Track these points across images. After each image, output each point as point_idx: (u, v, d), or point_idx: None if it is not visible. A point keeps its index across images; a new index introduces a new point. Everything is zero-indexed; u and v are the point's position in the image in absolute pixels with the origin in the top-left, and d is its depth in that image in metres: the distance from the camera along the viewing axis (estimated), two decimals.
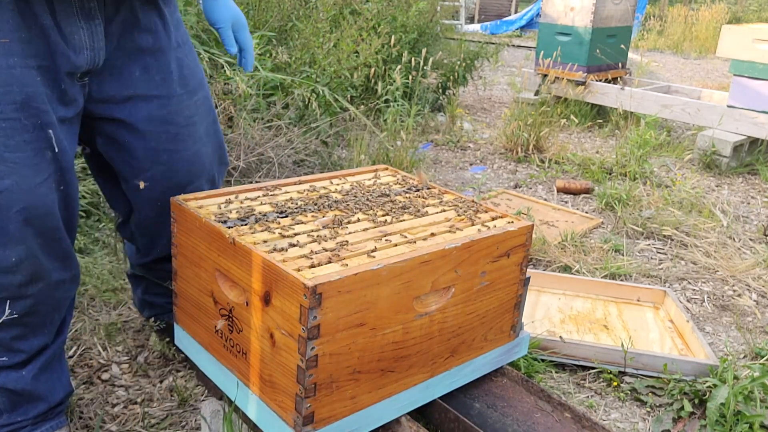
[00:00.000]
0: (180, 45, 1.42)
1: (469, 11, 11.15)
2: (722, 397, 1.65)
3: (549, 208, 3.17)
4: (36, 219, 1.21)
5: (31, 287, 1.27)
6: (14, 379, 1.34)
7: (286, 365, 1.13)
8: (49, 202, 1.22)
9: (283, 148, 3.03)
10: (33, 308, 1.30)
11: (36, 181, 1.19)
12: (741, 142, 3.92)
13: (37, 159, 1.19)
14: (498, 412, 1.41)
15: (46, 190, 1.21)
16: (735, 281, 2.54)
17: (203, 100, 1.48)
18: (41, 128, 1.19)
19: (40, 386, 1.38)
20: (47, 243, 1.25)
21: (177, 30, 1.42)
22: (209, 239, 1.27)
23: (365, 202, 1.45)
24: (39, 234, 1.23)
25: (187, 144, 1.45)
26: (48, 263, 1.28)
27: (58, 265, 1.31)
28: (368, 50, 3.78)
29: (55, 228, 1.26)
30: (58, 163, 1.23)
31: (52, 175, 1.22)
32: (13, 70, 1.14)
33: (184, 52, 1.43)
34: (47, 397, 1.40)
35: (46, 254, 1.26)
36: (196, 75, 1.46)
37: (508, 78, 6.38)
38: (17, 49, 1.14)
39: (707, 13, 10.22)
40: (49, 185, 1.22)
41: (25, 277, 1.24)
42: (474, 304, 1.36)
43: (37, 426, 1.42)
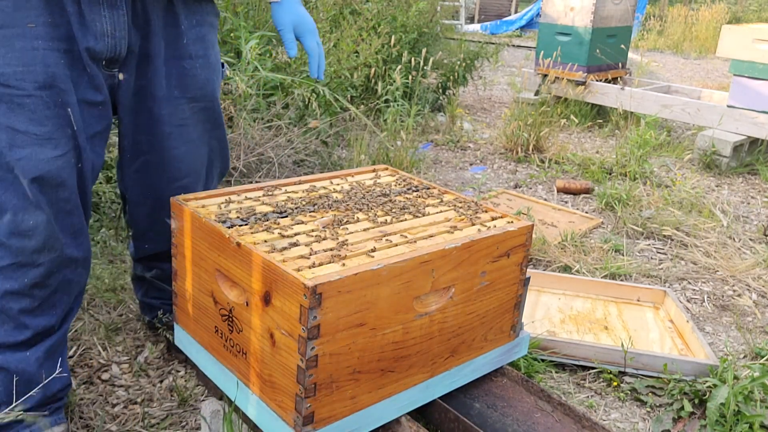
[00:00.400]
0: (192, 57, 1.48)
1: (469, 11, 11.15)
2: (722, 397, 1.65)
3: (549, 208, 3.17)
4: (49, 189, 1.28)
5: (44, 255, 1.32)
6: (18, 359, 1.36)
7: (286, 365, 1.13)
8: (64, 174, 1.29)
9: (283, 148, 3.03)
10: (43, 280, 1.34)
11: (53, 154, 1.27)
12: (741, 142, 3.92)
13: (57, 134, 1.27)
14: (498, 412, 1.41)
15: (62, 164, 1.29)
16: (735, 281, 2.54)
17: (202, 109, 1.54)
18: (62, 106, 1.27)
19: (41, 372, 1.39)
20: (59, 215, 1.32)
21: (194, 44, 1.48)
22: (209, 239, 1.27)
23: (365, 202, 1.45)
24: (51, 204, 1.29)
25: (178, 143, 1.53)
26: (60, 235, 1.33)
27: (69, 240, 1.35)
28: (368, 50, 3.78)
29: (68, 200, 1.32)
30: (75, 141, 1.31)
31: (70, 152, 1.30)
32: (36, 52, 1.23)
33: (193, 64, 1.49)
34: (46, 385, 1.40)
35: (59, 225, 1.32)
36: (201, 87, 1.52)
37: (508, 78, 6.38)
38: (42, 33, 1.23)
39: (707, 13, 10.22)
40: (67, 160, 1.29)
41: (39, 243, 1.30)
42: (474, 304, 1.36)
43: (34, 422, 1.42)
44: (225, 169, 1.72)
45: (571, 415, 1.40)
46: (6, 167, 1.25)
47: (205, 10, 1.50)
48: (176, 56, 1.45)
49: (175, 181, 1.56)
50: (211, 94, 1.54)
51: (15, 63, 1.22)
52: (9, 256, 1.30)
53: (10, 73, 1.22)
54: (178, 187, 1.56)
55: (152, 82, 1.44)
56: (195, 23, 1.47)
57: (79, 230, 1.37)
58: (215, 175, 1.69)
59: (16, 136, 1.24)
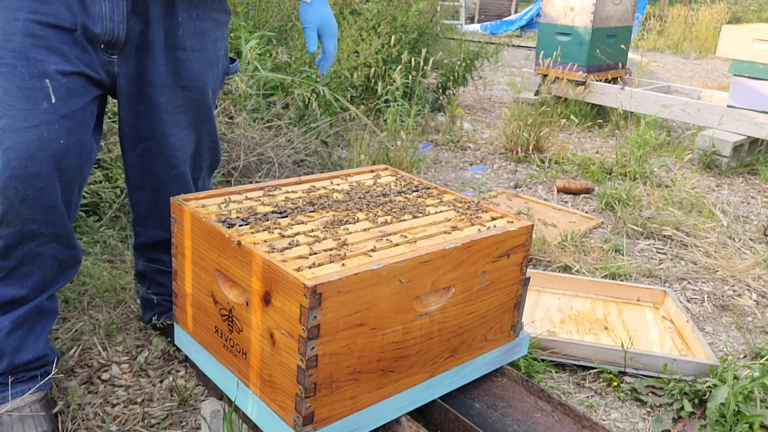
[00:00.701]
0: (186, 49, 1.49)
1: (469, 11, 11.15)
2: (722, 397, 1.65)
3: (549, 208, 3.17)
4: (16, 161, 1.26)
5: (2, 229, 1.31)
6: None
7: (286, 365, 1.13)
8: (33, 147, 1.27)
9: (283, 148, 3.03)
10: (3, 252, 1.34)
11: (23, 125, 1.26)
12: (741, 142, 3.92)
13: (28, 105, 1.26)
14: (498, 412, 1.41)
15: (32, 136, 1.27)
16: (735, 281, 2.54)
17: (192, 99, 1.56)
18: (37, 77, 1.26)
19: (8, 342, 1.40)
20: (25, 189, 1.29)
21: (190, 37, 1.49)
22: (209, 239, 1.27)
23: (365, 202, 1.45)
24: (17, 177, 1.27)
25: (174, 130, 1.55)
26: (25, 210, 1.31)
27: (38, 217, 1.33)
28: (368, 50, 3.78)
29: (37, 175, 1.29)
30: (55, 114, 1.29)
31: (45, 124, 1.28)
32: (17, 22, 1.24)
33: (186, 56, 1.50)
34: (10, 354, 1.41)
35: (22, 200, 1.29)
36: (193, 79, 1.54)
37: (508, 78, 6.38)
38: (26, 6, 1.25)
39: (707, 13, 10.22)
40: (39, 133, 1.27)
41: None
42: (474, 304, 1.36)
43: (5, 387, 1.42)
44: (216, 163, 1.74)
45: (571, 415, 1.40)
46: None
47: (210, 6, 1.52)
48: (173, 46, 1.48)
49: (172, 168, 1.59)
50: (202, 88, 1.56)
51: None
52: None
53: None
54: (175, 175, 1.59)
55: (151, 70, 1.46)
56: (195, 17, 1.49)
57: (50, 208, 1.35)
58: (204, 167, 1.71)
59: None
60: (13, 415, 1.43)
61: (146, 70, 1.46)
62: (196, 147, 1.64)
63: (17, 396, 1.45)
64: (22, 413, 1.43)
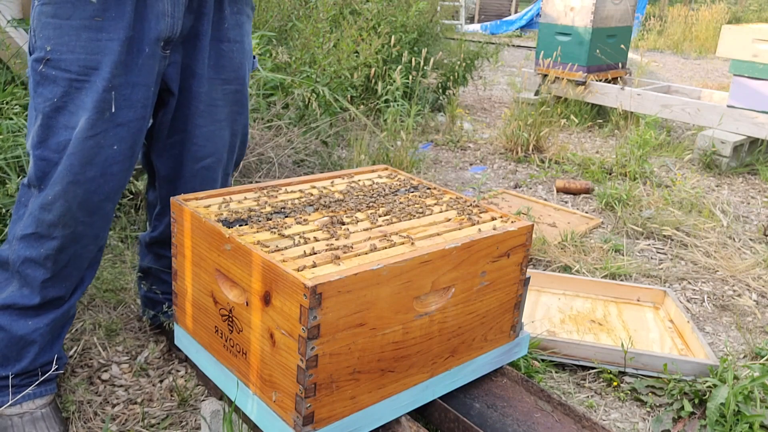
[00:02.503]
0: (230, 41, 1.55)
1: (469, 11, 11.15)
2: (722, 397, 1.65)
3: (549, 208, 3.17)
4: (78, 166, 1.36)
5: (59, 230, 1.40)
6: (21, 326, 1.45)
7: (286, 365, 1.13)
8: (91, 154, 1.37)
9: (283, 148, 3.03)
10: (55, 253, 1.42)
11: (86, 135, 1.35)
12: (741, 142, 3.92)
13: (95, 116, 1.35)
14: (498, 412, 1.41)
15: (92, 143, 1.36)
16: (735, 281, 2.54)
17: (232, 92, 1.60)
18: (108, 91, 1.36)
19: (38, 341, 1.47)
20: (81, 192, 1.38)
21: (233, 29, 1.55)
22: (209, 239, 1.27)
23: (365, 202, 1.45)
24: (76, 182, 1.37)
25: (206, 122, 1.58)
26: (78, 212, 1.40)
27: (85, 218, 1.41)
28: (368, 50, 3.78)
29: (92, 179, 1.39)
30: (113, 122, 1.38)
31: (103, 133, 1.37)
32: (100, 43, 1.34)
33: (230, 48, 1.56)
34: (34, 356, 1.48)
35: (77, 203, 1.39)
36: (235, 70, 1.59)
37: (508, 78, 6.38)
38: (107, 26, 1.34)
39: (707, 13, 10.22)
40: (98, 140, 1.37)
41: (55, 217, 1.39)
42: (474, 304, 1.36)
43: (20, 389, 1.47)
44: (242, 156, 1.77)
45: (571, 415, 1.40)
46: (54, 147, 1.36)
47: (244, 0, 1.58)
48: (217, 38, 1.53)
49: (198, 161, 1.61)
50: (242, 78, 1.61)
51: (79, 51, 1.32)
52: (32, 226, 1.41)
53: (73, 59, 1.33)
54: (200, 167, 1.62)
55: (196, 61, 1.51)
56: (236, 11, 1.55)
57: (97, 209, 1.43)
58: (233, 162, 1.74)
59: (70, 118, 1.34)
60: (24, 417, 1.47)
61: (191, 61, 1.51)
62: (230, 142, 1.66)
63: (30, 399, 1.49)
64: (34, 416, 1.48)
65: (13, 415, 1.47)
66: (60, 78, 1.34)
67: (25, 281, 1.44)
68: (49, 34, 1.33)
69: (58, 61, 1.33)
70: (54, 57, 1.33)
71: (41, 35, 1.35)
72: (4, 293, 1.46)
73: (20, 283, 1.45)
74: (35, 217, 1.40)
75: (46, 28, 1.34)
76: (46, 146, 1.36)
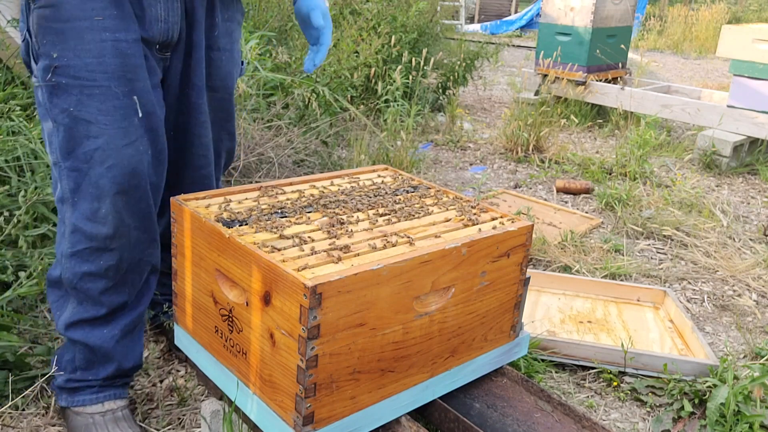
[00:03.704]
0: (220, 49, 1.53)
1: (469, 11, 11.15)
2: (722, 397, 1.65)
3: (549, 208, 3.17)
4: (121, 177, 1.35)
5: (116, 241, 1.40)
6: (97, 336, 1.46)
7: (286, 365, 1.13)
8: (134, 162, 1.36)
9: (283, 148, 3.03)
10: (117, 263, 1.42)
11: (123, 143, 1.33)
12: (741, 142, 3.92)
13: (125, 123, 1.33)
14: (498, 412, 1.41)
15: (132, 151, 1.35)
16: (735, 281, 2.54)
17: (219, 99, 1.59)
18: (128, 95, 1.33)
19: (116, 349, 1.49)
20: (130, 201, 1.38)
21: (223, 37, 1.53)
22: (209, 239, 1.27)
23: (365, 202, 1.45)
24: (123, 192, 1.36)
25: (206, 131, 1.58)
26: (129, 220, 1.40)
27: (138, 224, 1.41)
28: (368, 50, 3.78)
29: (137, 186, 1.38)
30: (144, 127, 1.37)
31: (140, 138, 1.36)
32: (105, 44, 1.30)
33: (219, 56, 1.54)
34: (119, 360, 1.50)
35: (128, 211, 1.39)
36: (222, 79, 1.57)
37: (508, 78, 6.38)
38: (109, 25, 1.30)
39: (707, 13, 10.22)
40: (136, 147, 1.36)
41: (111, 230, 1.38)
42: (474, 304, 1.36)
43: (104, 389, 1.51)
44: (230, 160, 1.77)
45: (571, 415, 1.40)
46: (82, 157, 1.32)
47: (235, 7, 1.57)
48: (208, 46, 1.51)
49: (198, 169, 1.61)
50: (230, 87, 1.60)
51: (85, 55, 1.28)
52: (84, 241, 1.38)
53: (81, 65, 1.28)
54: (200, 175, 1.62)
55: (194, 71, 1.49)
56: (226, 18, 1.53)
57: (147, 214, 1.43)
58: (221, 166, 1.74)
59: (89, 126, 1.31)
60: (107, 416, 1.50)
61: (189, 71, 1.49)
62: (216, 147, 1.66)
63: (112, 399, 1.52)
64: (116, 415, 1.50)
65: (95, 414, 1.49)
66: (72, 86, 1.29)
67: (85, 295, 1.43)
68: (53, 39, 1.29)
69: (66, 68, 1.29)
70: (62, 63, 1.28)
71: (44, 41, 1.29)
72: (67, 312, 1.46)
73: (78, 299, 1.44)
74: (85, 233, 1.37)
75: (48, 33, 1.29)
76: (75, 157, 1.33)
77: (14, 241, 1.96)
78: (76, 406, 1.49)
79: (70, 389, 1.49)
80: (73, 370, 1.48)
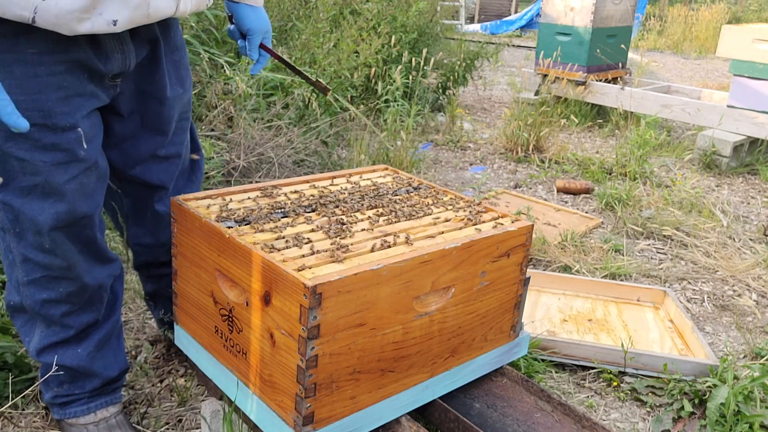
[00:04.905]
0: (179, 48, 1.46)
1: (469, 11, 11.15)
2: (722, 397, 1.65)
3: (549, 208, 3.17)
4: (64, 214, 1.26)
5: (72, 270, 1.34)
6: (71, 356, 1.43)
7: (286, 365, 1.13)
8: (76, 196, 1.27)
9: (283, 148, 3.03)
10: (78, 289, 1.37)
11: (64, 179, 1.24)
12: (741, 142, 3.92)
13: (67, 158, 1.23)
14: (498, 412, 1.41)
15: (75, 187, 1.26)
16: (735, 281, 2.54)
17: (189, 98, 1.53)
18: (71, 129, 1.22)
19: (95, 364, 1.46)
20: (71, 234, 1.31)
21: (176, 34, 1.45)
22: (209, 239, 1.27)
23: (365, 202, 1.45)
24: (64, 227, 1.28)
25: (183, 138, 1.54)
26: (74, 249, 1.33)
27: (82, 250, 1.35)
28: (368, 50, 3.78)
29: (80, 220, 1.30)
30: (90, 158, 1.27)
31: (82, 173, 1.27)
32: (39, 78, 1.17)
33: (180, 55, 1.47)
34: (101, 373, 1.48)
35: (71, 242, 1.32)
36: (189, 76, 1.52)
37: (508, 78, 6.38)
38: (46, 60, 1.17)
39: (707, 13, 10.22)
40: (79, 181, 1.26)
41: (64, 261, 1.32)
42: (474, 304, 1.36)
43: (93, 399, 1.49)
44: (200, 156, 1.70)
45: (571, 415, 1.40)
46: (17, 192, 1.23)
47: None
48: (169, 50, 1.43)
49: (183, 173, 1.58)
50: (191, 84, 1.53)
51: (17, 92, 1.15)
52: (39, 270, 1.32)
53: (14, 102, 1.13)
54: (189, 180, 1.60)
55: (159, 85, 1.40)
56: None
57: (92, 239, 1.37)
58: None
59: (23, 164, 1.20)
60: (100, 425, 1.49)
61: (153, 87, 1.40)
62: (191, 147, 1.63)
63: (103, 407, 1.51)
64: (109, 423, 1.50)
65: (89, 424, 1.48)
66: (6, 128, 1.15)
67: (51, 320, 1.38)
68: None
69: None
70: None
71: None
72: (36, 336, 1.41)
73: (45, 323, 1.39)
74: (38, 263, 1.30)
75: None
76: (10, 191, 1.23)
77: None
78: (69, 418, 1.48)
79: (60, 404, 1.48)
80: (59, 385, 1.46)
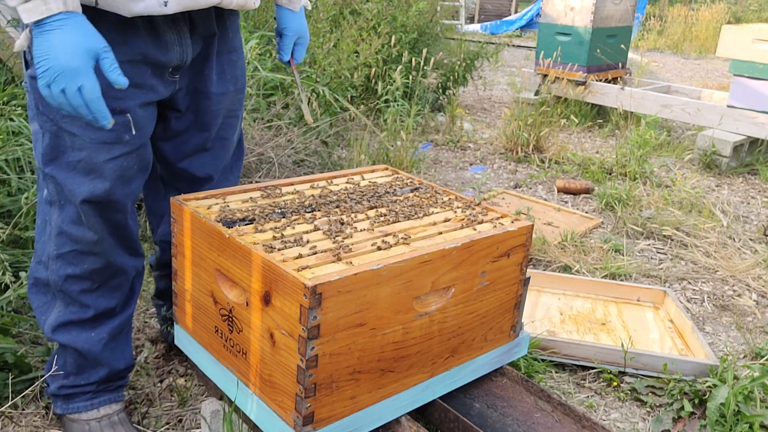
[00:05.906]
0: (236, 50, 1.53)
1: (469, 11, 11.15)
2: (722, 397, 1.65)
3: (549, 208, 3.17)
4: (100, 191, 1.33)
5: (98, 246, 1.39)
6: (84, 339, 1.45)
7: (286, 365, 1.13)
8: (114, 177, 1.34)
9: (283, 148, 3.03)
10: (101, 267, 1.41)
11: (105, 158, 1.32)
12: (741, 142, 3.92)
13: (111, 139, 1.31)
14: (498, 412, 1.41)
15: (113, 167, 1.33)
16: (735, 281, 2.54)
17: (241, 98, 1.60)
18: (120, 113, 1.30)
19: (105, 352, 1.48)
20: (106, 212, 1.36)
21: (235, 36, 1.52)
22: (209, 239, 1.27)
23: (365, 202, 1.45)
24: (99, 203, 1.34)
25: (231, 133, 1.58)
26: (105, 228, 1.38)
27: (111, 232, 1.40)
28: (368, 50, 3.78)
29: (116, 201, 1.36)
30: (134, 144, 1.35)
31: (124, 156, 1.34)
32: None
33: (238, 56, 1.54)
34: (109, 362, 1.49)
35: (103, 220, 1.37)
36: (244, 75, 1.58)
37: (508, 78, 6.38)
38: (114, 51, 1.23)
39: (707, 13, 10.22)
40: (119, 163, 1.34)
41: (95, 235, 1.37)
42: (474, 304, 1.36)
43: (97, 395, 1.51)
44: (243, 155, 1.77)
45: (571, 415, 1.40)
46: (64, 166, 1.32)
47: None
48: (226, 50, 1.49)
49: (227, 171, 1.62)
50: (245, 84, 1.60)
51: None
52: (70, 243, 1.38)
53: None
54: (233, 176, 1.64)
55: (207, 80, 1.46)
56: (234, 17, 1.52)
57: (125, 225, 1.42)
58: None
59: (74, 138, 1.29)
60: (102, 421, 1.50)
61: (203, 82, 1.46)
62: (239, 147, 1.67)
63: (107, 403, 1.52)
64: (111, 420, 1.51)
65: (91, 420, 1.49)
66: None
67: (70, 298, 1.42)
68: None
69: None
70: None
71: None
72: (53, 314, 1.45)
73: (65, 302, 1.43)
74: (70, 235, 1.37)
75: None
76: (57, 165, 1.32)
77: (14, 241, 1.96)
78: (72, 413, 1.49)
79: (65, 396, 1.49)
80: (65, 376, 1.48)
